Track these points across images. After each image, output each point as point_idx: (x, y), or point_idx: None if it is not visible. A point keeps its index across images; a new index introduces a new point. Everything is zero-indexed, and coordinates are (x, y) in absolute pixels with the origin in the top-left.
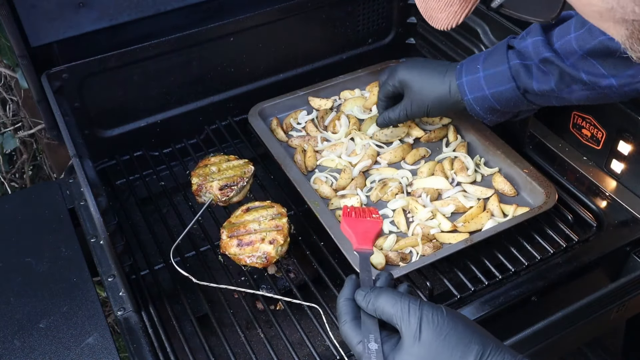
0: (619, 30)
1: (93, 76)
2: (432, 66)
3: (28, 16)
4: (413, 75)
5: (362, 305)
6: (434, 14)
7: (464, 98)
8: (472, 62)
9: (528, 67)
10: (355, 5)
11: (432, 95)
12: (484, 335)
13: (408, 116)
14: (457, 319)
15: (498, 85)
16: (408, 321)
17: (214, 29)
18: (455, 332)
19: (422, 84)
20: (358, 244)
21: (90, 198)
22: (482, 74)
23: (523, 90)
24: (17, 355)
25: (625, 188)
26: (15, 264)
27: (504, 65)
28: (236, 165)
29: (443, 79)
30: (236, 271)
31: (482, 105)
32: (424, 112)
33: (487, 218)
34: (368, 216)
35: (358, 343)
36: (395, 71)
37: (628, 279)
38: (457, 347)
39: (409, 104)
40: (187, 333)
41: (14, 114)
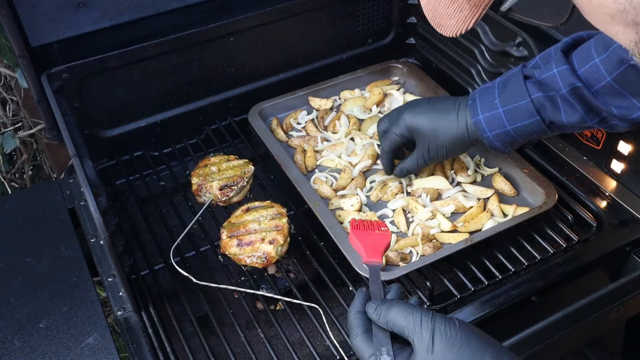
0: (628, 35)
1: (93, 76)
2: (439, 106)
3: (28, 16)
4: (422, 120)
5: (374, 318)
6: (442, 21)
7: (483, 136)
8: (486, 95)
9: (553, 100)
10: (355, 5)
11: (449, 137)
12: (498, 347)
13: (427, 163)
14: (470, 331)
15: (521, 120)
16: (420, 334)
17: (214, 29)
18: (468, 345)
19: (436, 127)
20: (367, 257)
21: (90, 198)
22: (502, 109)
23: (549, 123)
24: (17, 355)
25: (625, 188)
26: (15, 264)
27: (525, 99)
28: (236, 165)
29: (457, 118)
30: (236, 271)
31: (504, 140)
32: (444, 155)
33: (487, 218)
34: (377, 229)
35: (370, 356)
36: (399, 118)
37: (628, 279)
38: (471, 359)
39: (425, 150)
40: (187, 333)
41: (14, 114)
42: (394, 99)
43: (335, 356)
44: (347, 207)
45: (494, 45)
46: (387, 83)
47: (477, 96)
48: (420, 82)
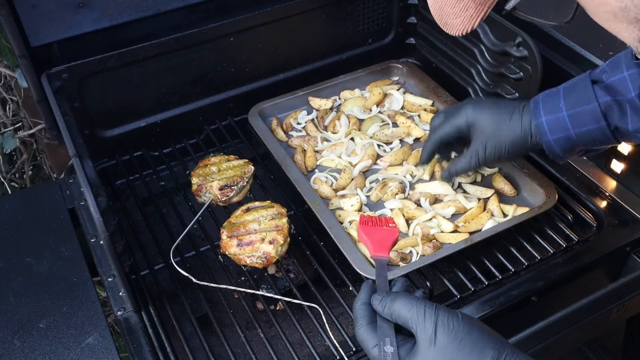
0: (631, 32)
1: (93, 76)
2: (503, 105)
3: (28, 16)
4: (485, 115)
5: (378, 310)
6: (449, 20)
7: (544, 139)
8: (550, 99)
9: (620, 104)
10: (355, 5)
11: (510, 136)
12: (500, 341)
13: (481, 163)
14: (472, 323)
15: (585, 125)
16: (424, 325)
17: (214, 29)
18: (470, 337)
19: (498, 125)
20: (374, 251)
21: (90, 198)
22: (566, 113)
23: (614, 128)
24: (17, 355)
25: (625, 188)
26: (15, 264)
27: (593, 102)
28: (236, 165)
29: (521, 119)
30: (236, 271)
31: (564, 146)
32: (500, 155)
33: (487, 218)
34: (384, 225)
35: (374, 347)
36: (460, 111)
37: (628, 279)
38: (473, 351)
39: (482, 147)
40: (187, 333)
41: (14, 114)
42: (394, 99)
43: (335, 356)
44: (347, 207)
45: (494, 45)
46: (387, 83)
47: (540, 99)
48: (420, 82)
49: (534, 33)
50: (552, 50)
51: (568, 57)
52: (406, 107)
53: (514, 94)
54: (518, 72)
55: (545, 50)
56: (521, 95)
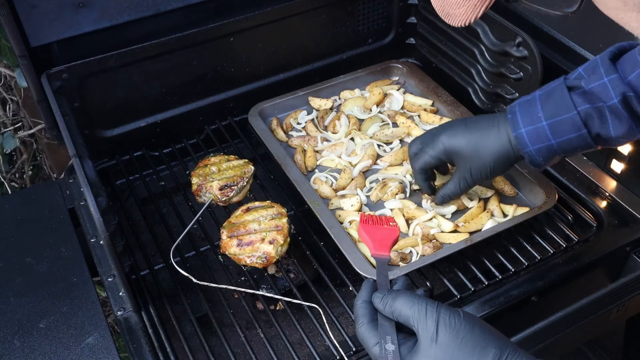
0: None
1: (93, 76)
2: (477, 124)
3: (28, 16)
4: (461, 140)
5: (379, 308)
6: (451, 11)
7: (525, 150)
8: (527, 108)
9: (600, 111)
10: (355, 5)
11: (492, 154)
12: (502, 339)
13: (469, 185)
14: (474, 322)
15: (566, 134)
16: (425, 323)
17: (214, 29)
18: (472, 335)
19: (477, 147)
20: (375, 250)
21: (90, 198)
22: (546, 122)
23: (595, 136)
24: (17, 355)
25: (625, 188)
26: (15, 264)
27: (571, 111)
28: (236, 165)
29: (498, 133)
30: (236, 271)
31: (546, 155)
32: (487, 175)
33: (487, 218)
34: (385, 224)
35: (375, 345)
36: (435, 140)
37: (628, 279)
38: (474, 350)
39: (467, 172)
40: (187, 333)
41: (14, 114)
42: (394, 99)
43: (335, 356)
44: (347, 207)
45: (494, 45)
46: (387, 83)
47: (516, 109)
48: (420, 82)
49: (534, 33)
50: (552, 50)
51: (568, 57)
52: (406, 107)
53: (514, 94)
54: (518, 72)
55: (545, 50)
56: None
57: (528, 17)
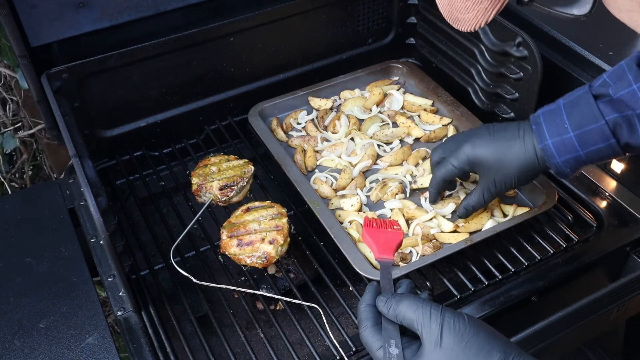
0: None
1: (93, 76)
2: (501, 134)
3: (28, 16)
4: (485, 151)
5: (383, 311)
6: (460, 15)
7: (552, 162)
8: (552, 119)
9: (629, 120)
10: (355, 5)
11: (517, 166)
12: (506, 343)
13: (493, 196)
14: (479, 326)
15: (595, 144)
16: (429, 327)
17: (214, 29)
18: (476, 339)
19: (501, 158)
20: (379, 253)
21: (90, 198)
22: (573, 133)
23: (624, 145)
24: (17, 355)
25: (625, 188)
26: (15, 264)
27: (600, 121)
28: (236, 165)
29: (523, 144)
30: (236, 271)
31: (574, 166)
32: (511, 186)
33: (487, 218)
34: (389, 227)
35: (379, 348)
36: (459, 151)
37: (628, 279)
38: (479, 353)
39: (491, 183)
40: (187, 333)
41: (14, 114)
42: (394, 99)
43: (335, 356)
44: (347, 207)
45: (494, 45)
46: (387, 83)
47: (541, 120)
48: (420, 82)
49: (534, 33)
50: (552, 50)
51: (568, 57)
52: (406, 107)
53: (514, 94)
54: (518, 72)
55: (545, 50)
56: (520, 96)
57: (528, 17)
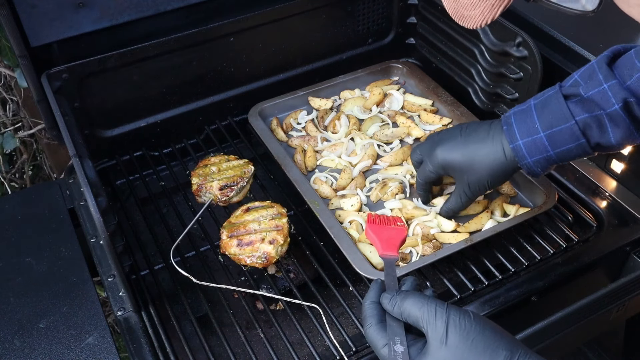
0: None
1: (93, 76)
2: (472, 136)
3: (28, 16)
4: (456, 155)
5: (388, 309)
6: (466, 12)
7: (523, 162)
8: (523, 119)
9: (599, 120)
10: (355, 5)
11: (487, 168)
12: (512, 341)
13: (470, 199)
14: (485, 323)
15: (565, 144)
16: (435, 324)
17: (214, 29)
18: (482, 337)
19: (472, 160)
20: (383, 250)
21: (90, 198)
22: (543, 133)
23: (595, 144)
24: (17, 355)
25: (625, 188)
26: (15, 264)
27: (570, 121)
28: (236, 165)
29: (493, 146)
30: (236, 271)
31: (545, 165)
32: (485, 188)
33: (487, 218)
34: (392, 224)
35: (383, 346)
36: (432, 154)
37: (628, 279)
38: (485, 352)
39: (466, 187)
40: (187, 333)
41: (14, 114)
42: (394, 99)
43: (335, 356)
44: (347, 207)
45: (494, 45)
46: (387, 83)
47: (512, 120)
48: (420, 82)
49: (534, 33)
50: (552, 50)
51: (568, 57)
52: (406, 107)
53: (514, 94)
54: (518, 72)
55: (545, 50)
56: (520, 96)
57: (528, 17)
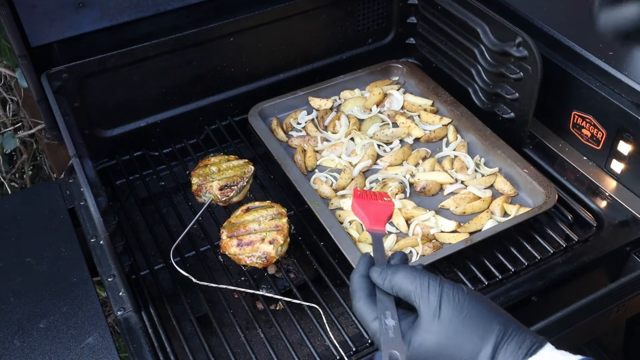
0: None
1: (93, 76)
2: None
3: (28, 16)
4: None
5: (378, 282)
6: None
7: None
8: None
9: None
10: (355, 5)
11: None
12: (505, 315)
13: None
14: (478, 298)
15: None
16: (427, 298)
17: (214, 29)
18: (476, 311)
19: None
20: (370, 225)
21: (90, 198)
22: None
23: None
24: (17, 355)
25: (625, 188)
26: (15, 264)
27: None
28: (236, 165)
29: None
30: (236, 271)
31: None
32: None
33: (487, 218)
34: (379, 199)
35: (374, 320)
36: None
37: (628, 279)
38: (478, 326)
39: None
40: (187, 333)
41: (14, 114)
42: (394, 99)
43: (335, 356)
44: (347, 207)
45: (494, 45)
46: (387, 83)
47: None
48: (420, 82)
49: (534, 33)
50: (552, 50)
51: (568, 57)
52: (406, 107)
53: (513, 94)
54: (518, 72)
55: (545, 50)
56: (520, 96)
57: (528, 17)
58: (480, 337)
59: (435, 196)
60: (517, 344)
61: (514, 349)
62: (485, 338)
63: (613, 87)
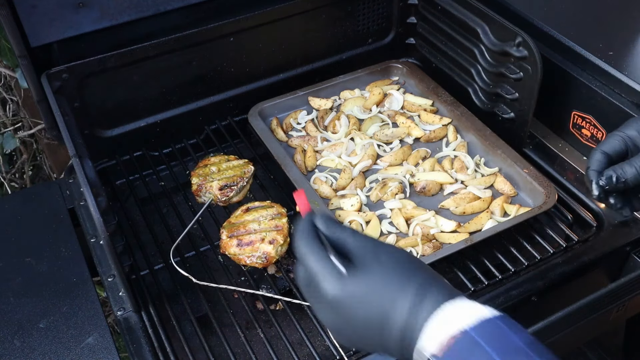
0: None
1: (93, 76)
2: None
3: (28, 16)
4: None
5: (322, 227)
6: None
7: None
8: None
9: None
10: (355, 5)
11: None
12: (427, 271)
13: None
14: (399, 252)
15: None
16: (363, 252)
17: (214, 29)
18: (399, 265)
19: None
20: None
21: (90, 198)
22: None
23: None
24: (17, 355)
25: None
26: (15, 264)
27: None
28: (236, 165)
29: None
30: (236, 271)
31: None
32: None
33: (487, 218)
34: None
35: (320, 259)
36: None
37: (628, 279)
38: (401, 279)
39: None
40: (187, 333)
41: (14, 114)
42: (394, 99)
43: (335, 356)
44: (347, 207)
45: (494, 45)
46: (387, 83)
47: None
48: (420, 82)
49: (534, 33)
50: (552, 50)
51: (568, 57)
52: (406, 107)
53: (513, 94)
54: (518, 72)
55: (545, 50)
56: (520, 96)
57: (528, 17)
58: (399, 290)
59: (435, 196)
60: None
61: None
62: (403, 290)
63: (613, 87)
